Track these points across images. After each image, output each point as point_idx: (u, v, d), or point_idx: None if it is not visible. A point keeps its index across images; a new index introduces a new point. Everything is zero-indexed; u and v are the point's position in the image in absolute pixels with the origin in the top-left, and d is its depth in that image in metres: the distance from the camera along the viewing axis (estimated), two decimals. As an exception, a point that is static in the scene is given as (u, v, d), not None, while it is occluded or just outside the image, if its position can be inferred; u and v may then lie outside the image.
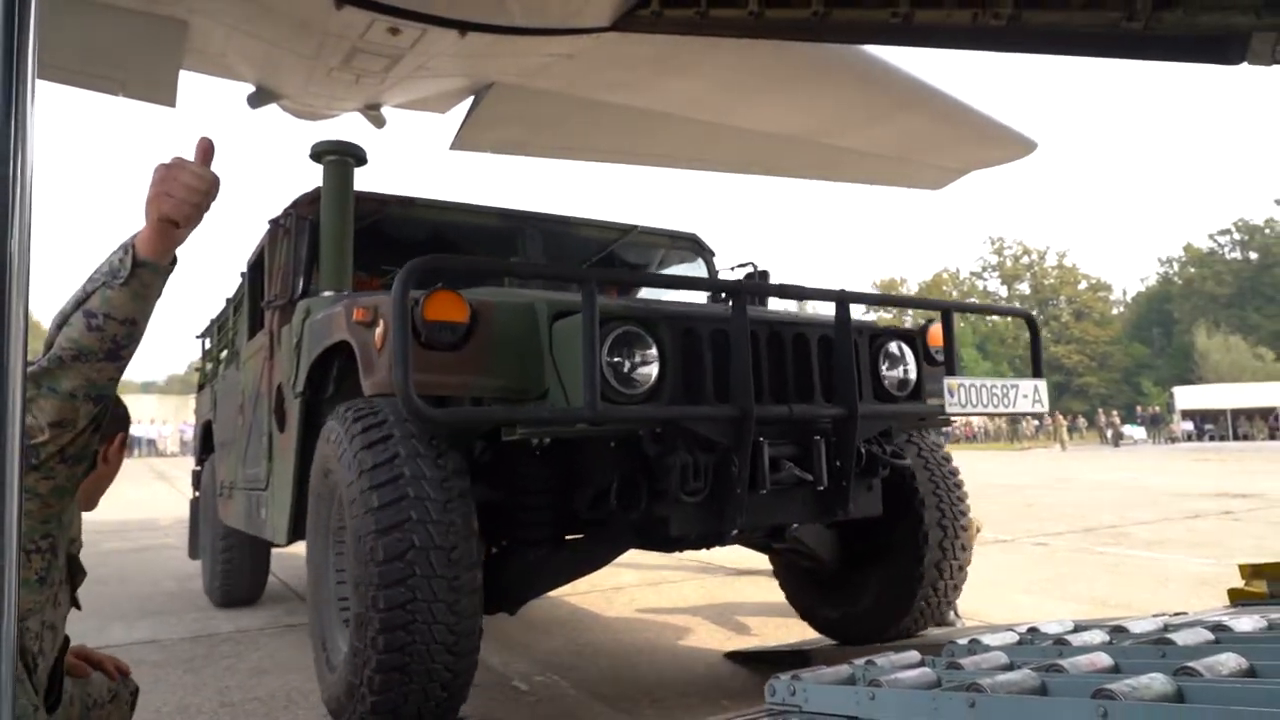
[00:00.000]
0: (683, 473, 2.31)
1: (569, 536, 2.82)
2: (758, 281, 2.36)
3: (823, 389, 2.56)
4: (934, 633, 3.22)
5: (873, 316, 4.84)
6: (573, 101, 5.47)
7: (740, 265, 3.91)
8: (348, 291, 3.13)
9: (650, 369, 2.28)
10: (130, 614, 4.79)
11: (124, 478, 2.25)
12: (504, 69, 4.97)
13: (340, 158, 3.28)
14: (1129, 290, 69.00)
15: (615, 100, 5.53)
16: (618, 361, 2.24)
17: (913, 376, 2.79)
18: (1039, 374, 2.85)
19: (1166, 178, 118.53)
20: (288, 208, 3.63)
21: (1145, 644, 1.69)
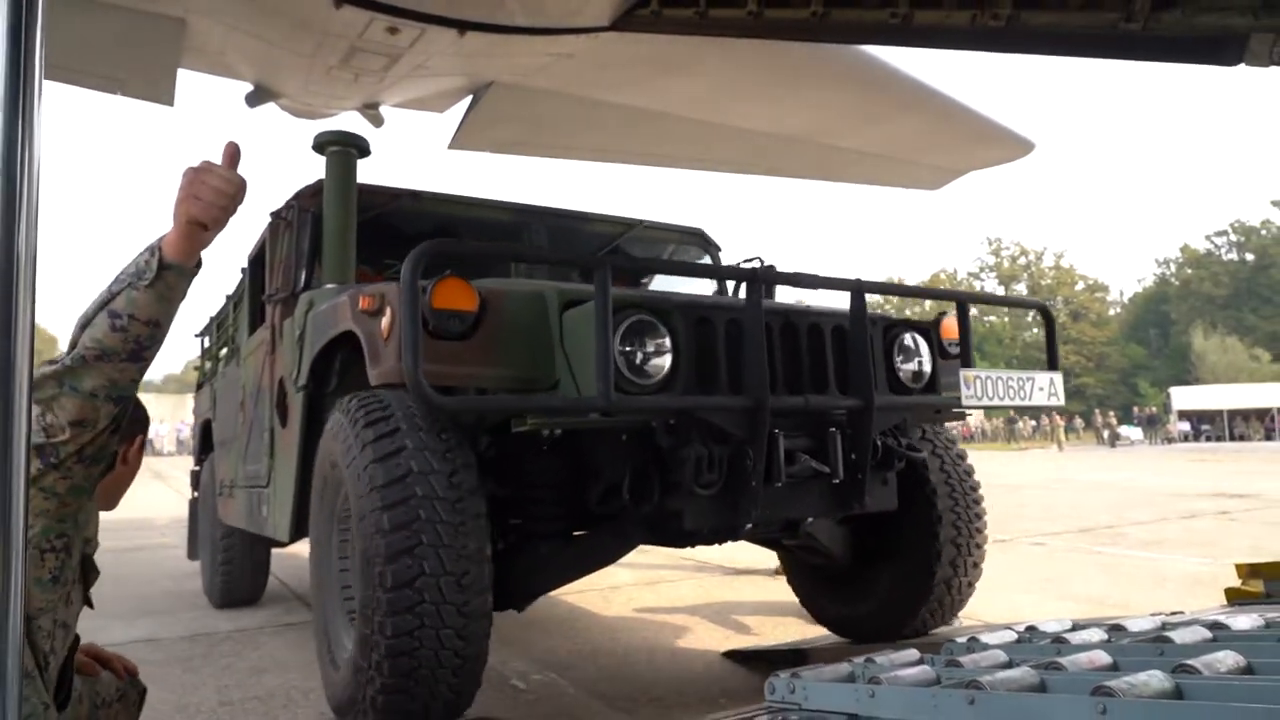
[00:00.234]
0: (697, 465, 2.25)
1: (579, 532, 2.78)
2: (772, 270, 2.33)
3: (837, 380, 2.50)
4: (932, 632, 3.20)
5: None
6: (571, 101, 5.46)
7: (747, 260, 3.87)
8: (351, 284, 3.08)
9: (663, 359, 2.23)
10: (128, 613, 4.78)
11: (123, 476, 2.23)
12: (503, 68, 4.97)
13: (343, 149, 3.24)
14: (1126, 291, 69.21)
15: (614, 100, 5.53)
16: (630, 351, 2.19)
17: (927, 369, 2.74)
18: (1055, 366, 2.80)
19: (1163, 179, 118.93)
20: (290, 200, 3.57)
21: (1143, 642, 1.70)
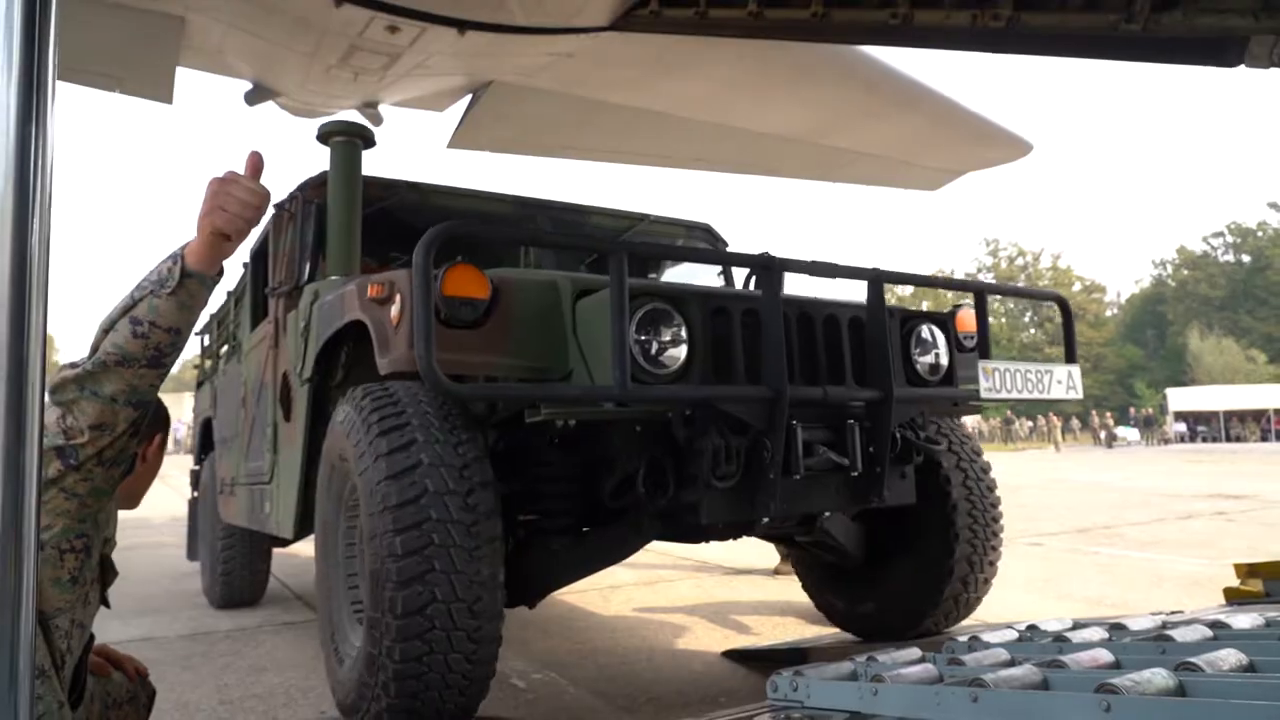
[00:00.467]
0: (714, 456, 2.18)
1: (591, 527, 2.72)
2: (789, 258, 2.30)
3: (854, 372, 2.47)
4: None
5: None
6: (571, 101, 5.47)
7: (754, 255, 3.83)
8: (357, 276, 3.00)
9: (679, 349, 2.19)
10: (126, 612, 4.77)
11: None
12: (503, 68, 4.98)
13: (348, 139, 3.18)
14: (1123, 292, 69.21)
15: (613, 100, 5.54)
16: (645, 340, 2.14)
17: (944, 361, 2.71)
18: (1073, 359, 2.76)
19: (1161, 180, 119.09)
20: (293, 191, 3.50)
21: (1145, 641, 1.70)
